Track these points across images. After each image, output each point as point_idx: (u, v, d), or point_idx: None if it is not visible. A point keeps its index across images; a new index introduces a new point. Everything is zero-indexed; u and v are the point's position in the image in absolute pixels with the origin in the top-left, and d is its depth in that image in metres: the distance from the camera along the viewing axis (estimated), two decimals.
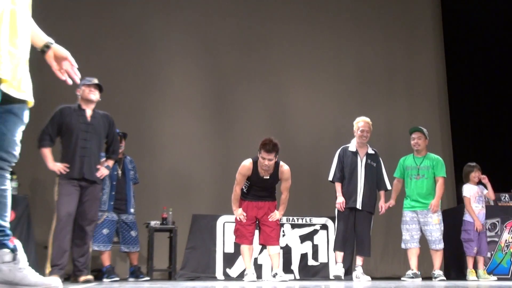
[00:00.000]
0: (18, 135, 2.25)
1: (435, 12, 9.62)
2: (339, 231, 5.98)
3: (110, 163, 5.32)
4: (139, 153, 7.19)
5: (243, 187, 5.37)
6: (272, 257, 5.39)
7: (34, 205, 6.71)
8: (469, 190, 6.30)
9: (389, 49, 9.31)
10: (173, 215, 6.82)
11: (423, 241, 6.10)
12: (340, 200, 5.93)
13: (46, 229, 5.14)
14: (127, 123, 7.49)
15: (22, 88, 2.20)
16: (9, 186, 2.27)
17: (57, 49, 2.46)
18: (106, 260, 5.93)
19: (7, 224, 2.22)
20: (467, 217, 6.27)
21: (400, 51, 9.34)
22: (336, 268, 5.95)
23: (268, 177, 5.29)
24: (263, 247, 5.87)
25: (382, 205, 6.05)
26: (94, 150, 5.05)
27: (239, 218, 5.32)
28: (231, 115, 8.59)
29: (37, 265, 5.33)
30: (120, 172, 6.09)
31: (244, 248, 5.35)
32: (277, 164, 5.29)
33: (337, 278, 5.83)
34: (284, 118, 8.74)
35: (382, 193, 6.09)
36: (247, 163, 5.27)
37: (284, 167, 5.34)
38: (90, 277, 5.02)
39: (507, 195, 6.81)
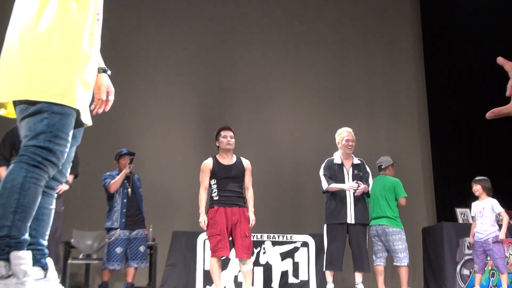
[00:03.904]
0: (72, 156, 2.23)
1: (415, 30, 9.78)
2: (329, 249, 5.58)
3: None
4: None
5: (212, 190, 5.23)
6: (245, 274, 5.06)
7: None
8: (472, 207, 6.20)
9: (370, 67, 9.42)
10: (153, 232, 6.77)
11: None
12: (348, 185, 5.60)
13: None
14: (107, 139, 7.44)
15: (87, 112, 2.18)
16: (54, 206, 2.23)
17: (106, 79, 2.29)
18: (105, 276, 5.84)
19: (46, 243, 2.18)
20: None
21: (381, 68, 9.46)
22: None
23: (232, 163, 5.28)
24: None
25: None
26: None
27: (202, 225, 5.11)
28: (212, 132, 8.57)
29: None
30: (130, 190, 6.04)
31: (214, 261, 5.01)
32: (238, 157, 5.39)
33: None
34: (265, 135, 8.76)
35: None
36: (206, 160, 5.36)
37: (246, 160, 5.42)
38: None
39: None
